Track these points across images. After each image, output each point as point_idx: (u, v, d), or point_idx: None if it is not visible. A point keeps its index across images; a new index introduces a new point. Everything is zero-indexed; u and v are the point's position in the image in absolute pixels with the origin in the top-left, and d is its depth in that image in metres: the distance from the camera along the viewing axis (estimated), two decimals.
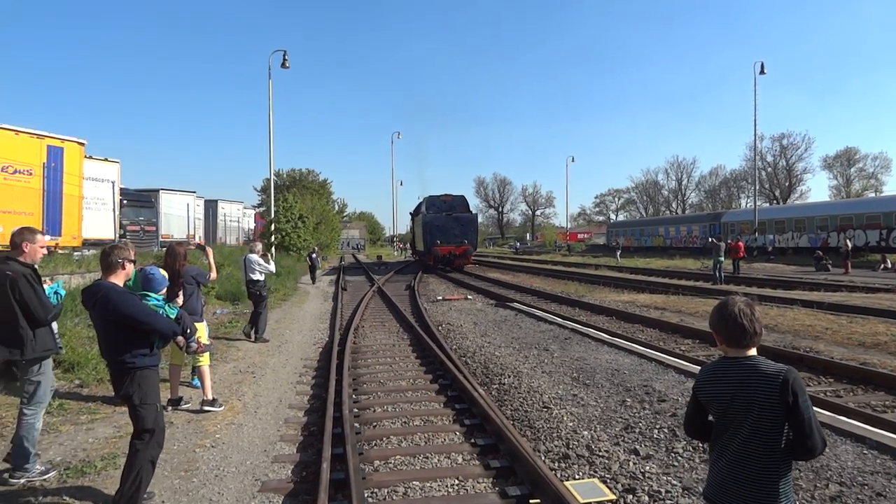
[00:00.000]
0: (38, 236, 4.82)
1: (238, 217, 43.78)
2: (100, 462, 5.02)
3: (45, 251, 5.04)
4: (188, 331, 5.43)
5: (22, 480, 4.59)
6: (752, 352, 2.26)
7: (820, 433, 2.12)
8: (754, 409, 2.15)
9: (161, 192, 29.61)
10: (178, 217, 30.55)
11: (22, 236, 4.71)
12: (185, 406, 6.79)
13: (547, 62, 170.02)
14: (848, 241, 29.76)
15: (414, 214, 41.81)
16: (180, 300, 5.92)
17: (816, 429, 2.12)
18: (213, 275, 7.57)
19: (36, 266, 4.78)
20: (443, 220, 31.93)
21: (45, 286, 4.85)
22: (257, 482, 4.78)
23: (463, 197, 35.57)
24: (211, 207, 38.20)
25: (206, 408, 6.68)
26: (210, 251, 7.79)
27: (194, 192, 33.30)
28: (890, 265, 28.36)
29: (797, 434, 2.13)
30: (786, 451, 2.17)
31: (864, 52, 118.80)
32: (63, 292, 5.26)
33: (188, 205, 31.85)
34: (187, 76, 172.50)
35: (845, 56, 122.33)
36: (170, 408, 6.62)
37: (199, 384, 7.15)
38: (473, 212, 36.09)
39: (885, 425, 5.64)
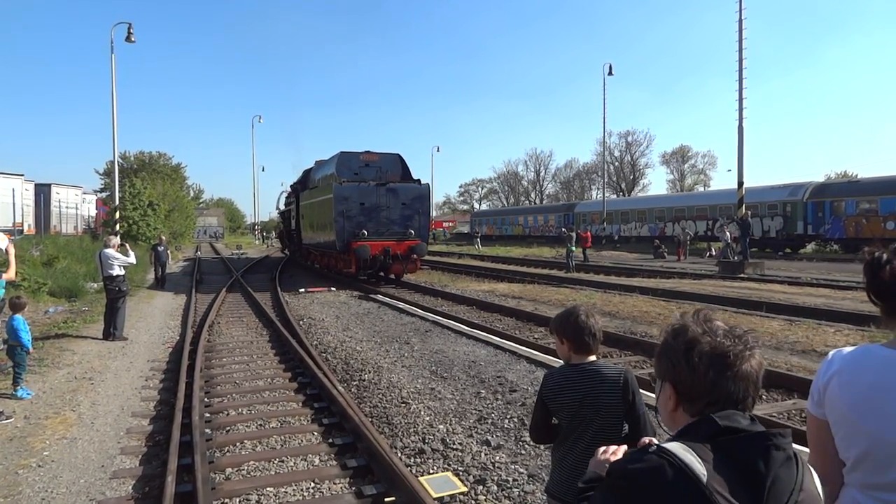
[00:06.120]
0: None
1: (76, 203, 40.04)
2: None
3: None
4: None
5: None
6: (593, 357, 2.45)
7: (651, 426, 2.36)
8: (602, 410, 2.34)
9: None
10: (0, 203, 27.28)
11: None
12: (4, 420, 6.10)
13: (409, 45, 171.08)
14: (683, 230, 33.02)
15: (300, 188, 25.76)
16: None
17: (649, 422, 2.36)
18: (10, 274, 6.68)
19: None
20: (371, 194, 18.79)
21: None
22: (91, 502, 4.43)
23: (398, 156, 21.21)
24: (43, 192, 34.51)
25: None
26: (11, 248, 6.91)
27: (22, 174, 29.96)
28: (714, 252, 31.97)
29: (633, 428, 2.35)
30: (623, 443, 2.39)
31: (695, 54, 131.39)
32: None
33: (13, 189, 28.49)
34: (14, 43, 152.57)
35: (679, 57, 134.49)
36: None
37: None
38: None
39: None
